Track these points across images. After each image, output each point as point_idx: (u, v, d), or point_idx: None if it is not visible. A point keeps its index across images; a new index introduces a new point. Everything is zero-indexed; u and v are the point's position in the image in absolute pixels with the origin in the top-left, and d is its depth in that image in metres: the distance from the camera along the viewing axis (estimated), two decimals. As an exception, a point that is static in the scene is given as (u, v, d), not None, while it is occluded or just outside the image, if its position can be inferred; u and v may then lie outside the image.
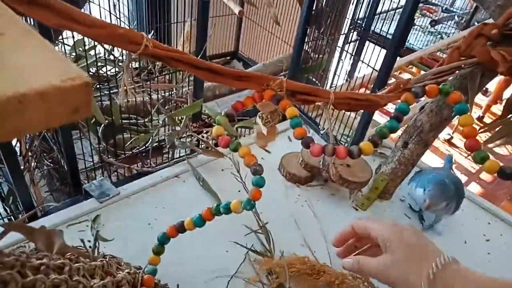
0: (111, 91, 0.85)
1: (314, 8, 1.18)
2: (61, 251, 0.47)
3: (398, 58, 1.81)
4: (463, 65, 0.76)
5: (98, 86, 0.89)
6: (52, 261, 0.42)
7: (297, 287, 0.70)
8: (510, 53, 0.71)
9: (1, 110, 0.21)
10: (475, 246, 0.86)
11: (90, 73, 1.05)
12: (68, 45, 1.09)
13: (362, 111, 1.11)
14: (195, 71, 0.52)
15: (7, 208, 0.91)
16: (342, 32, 1.85)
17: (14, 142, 0.83)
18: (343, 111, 1.23)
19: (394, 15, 2.41)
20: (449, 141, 3.09)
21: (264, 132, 0.64)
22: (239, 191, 0.86)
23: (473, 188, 2.68)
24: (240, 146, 0.53)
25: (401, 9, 0.84)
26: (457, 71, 0.77)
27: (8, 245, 0.63)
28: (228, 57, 1.86)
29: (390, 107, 2.40)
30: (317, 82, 1.39)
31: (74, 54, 0.98)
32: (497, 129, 0.88)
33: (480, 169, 2.95)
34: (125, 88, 0.48)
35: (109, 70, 1.04)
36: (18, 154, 0.93)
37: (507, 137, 0.88)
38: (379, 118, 2.18)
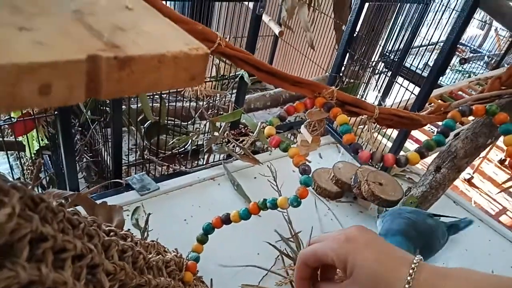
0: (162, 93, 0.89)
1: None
2: (120, 226, 0.50)
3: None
4: (503, 95, 0.78)
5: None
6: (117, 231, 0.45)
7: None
8: (551, 86, 0.73)
9: (145, 65, 0.24)
10: (503, 277, 0.86)
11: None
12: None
13: (395, 136, 1.13)
14: (257, 73, 0.56)
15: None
16: (373, 60, 1.90)
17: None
18: (374, 134, 1.25)
19: (424, 52, 2.45)
20: (469, 181, 3.06)
21: (308, 140, 0.67)
22: (280, 195, 0.89)
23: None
24: (290, 146, 0.56)
25: (431, 46, 0.88)
26: (496, 100, 0.79)
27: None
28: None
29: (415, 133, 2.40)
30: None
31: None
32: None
33: (499, 211, 2.90)
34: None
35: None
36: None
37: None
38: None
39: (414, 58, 2.49)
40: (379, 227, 0.78)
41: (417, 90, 1.02)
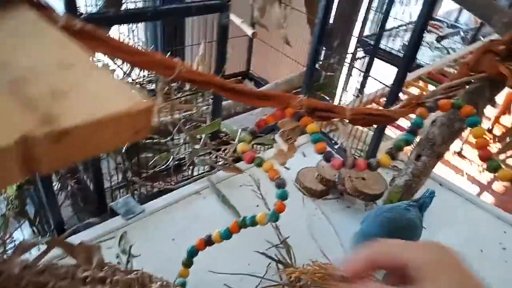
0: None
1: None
2: (100, 265, 0.50)
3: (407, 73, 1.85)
4: (472, 80, 0.79)
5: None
6: (95, 274, 0.45)
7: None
8: (517, 67, 0.74)
9: (83, 134, 0.24)
10: (492, 255, 0.87)
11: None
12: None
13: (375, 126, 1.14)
14: (223, 93, 0.56)
15: (34, 230, 0.94)
16: (350, 51, 1.90)
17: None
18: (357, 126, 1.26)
19: (400, 32, 2.46)
20: (459, 153, 3.09)
21: (284, 149, 0.67)
22: (257, 206, 0.89)
23: (485, 199, 2.67)
24: (263, 161, 0.56)
25: (406, 26, 0.88)
26: (466, 86, 0.80)
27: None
28: (240, 77, 1.91)
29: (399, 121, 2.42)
30: (328, 99, 1.43)
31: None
32: (507, 140, 0.91)
33: (491, 180, 2.94)
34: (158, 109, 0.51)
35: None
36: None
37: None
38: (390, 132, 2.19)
39: (393, 40, 2.50)
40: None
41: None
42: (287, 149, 0.68)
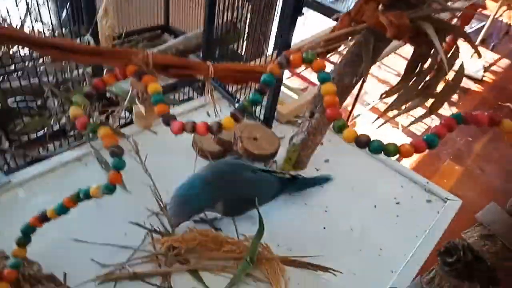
0: None
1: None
2: None
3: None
4: (355, 32, 0.75)
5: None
6: None
7: (199, 259, 0.70)
8: (398, 17, 0.70)
9: None
10: (385, 209, 0.88)
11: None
12: None
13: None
14: (39, 50, 0.48)
15: None
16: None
17: None
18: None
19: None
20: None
21: (142, 111, 0.61)
22: (146, 170, 0.84)
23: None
24: (98, 127, 0.50)
25: None
26: (349, 37, 0.76)
27: None
28: (159, 31, 1.79)
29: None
30: (242, 55, 1.35)
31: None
32: (397, 94, 0.89)
33: (426, 130, 3.04)
34: None
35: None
36: None
37: (408, 102, 0.89)
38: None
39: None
40: None
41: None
42: (146, 112, 0.62)
